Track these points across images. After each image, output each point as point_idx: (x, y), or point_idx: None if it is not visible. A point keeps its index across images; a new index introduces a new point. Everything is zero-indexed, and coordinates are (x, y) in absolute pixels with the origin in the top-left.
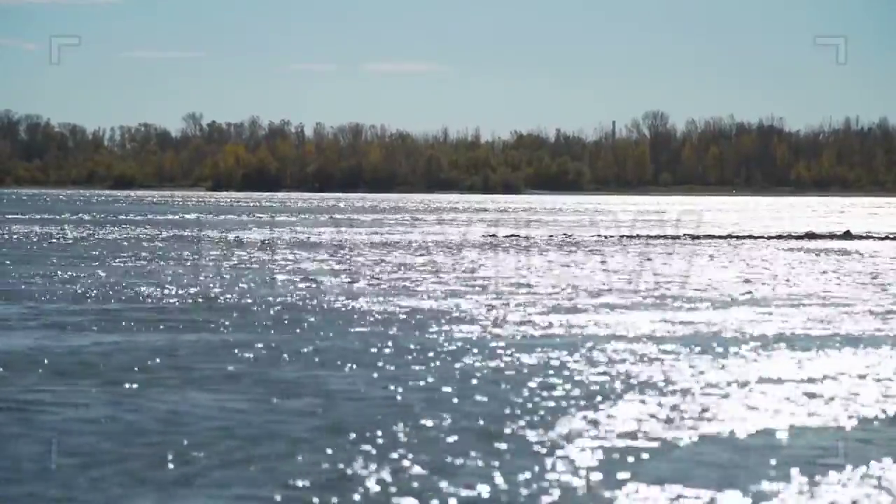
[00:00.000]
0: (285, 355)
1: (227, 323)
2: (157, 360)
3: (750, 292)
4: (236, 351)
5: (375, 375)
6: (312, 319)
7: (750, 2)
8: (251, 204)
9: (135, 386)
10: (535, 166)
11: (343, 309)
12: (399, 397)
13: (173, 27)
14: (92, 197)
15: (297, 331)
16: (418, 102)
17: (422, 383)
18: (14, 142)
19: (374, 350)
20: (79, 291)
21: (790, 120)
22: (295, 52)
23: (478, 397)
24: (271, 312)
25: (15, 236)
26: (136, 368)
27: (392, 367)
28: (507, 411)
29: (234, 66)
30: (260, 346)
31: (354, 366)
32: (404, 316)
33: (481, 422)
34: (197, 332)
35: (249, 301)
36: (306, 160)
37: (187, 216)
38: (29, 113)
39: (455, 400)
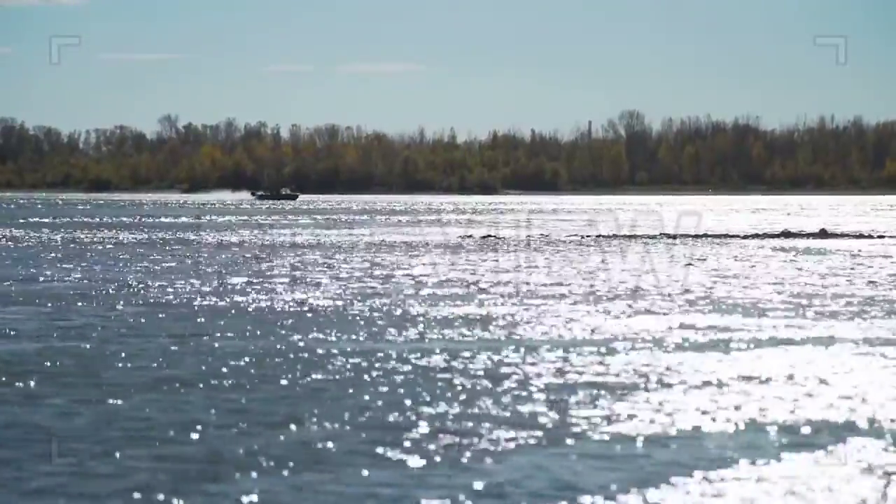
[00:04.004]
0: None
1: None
2: None
3: (724, 292)
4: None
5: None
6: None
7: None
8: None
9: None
10: (511, 167)
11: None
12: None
13: (147, 29)
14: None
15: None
16: (394, 103)
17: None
18: None
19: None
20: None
21: (769, 119)
22: (271, 54)
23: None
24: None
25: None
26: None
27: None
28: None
29: (209, 67)
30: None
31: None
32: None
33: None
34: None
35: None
36: (283, 162)
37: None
38: (3, 116)
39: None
